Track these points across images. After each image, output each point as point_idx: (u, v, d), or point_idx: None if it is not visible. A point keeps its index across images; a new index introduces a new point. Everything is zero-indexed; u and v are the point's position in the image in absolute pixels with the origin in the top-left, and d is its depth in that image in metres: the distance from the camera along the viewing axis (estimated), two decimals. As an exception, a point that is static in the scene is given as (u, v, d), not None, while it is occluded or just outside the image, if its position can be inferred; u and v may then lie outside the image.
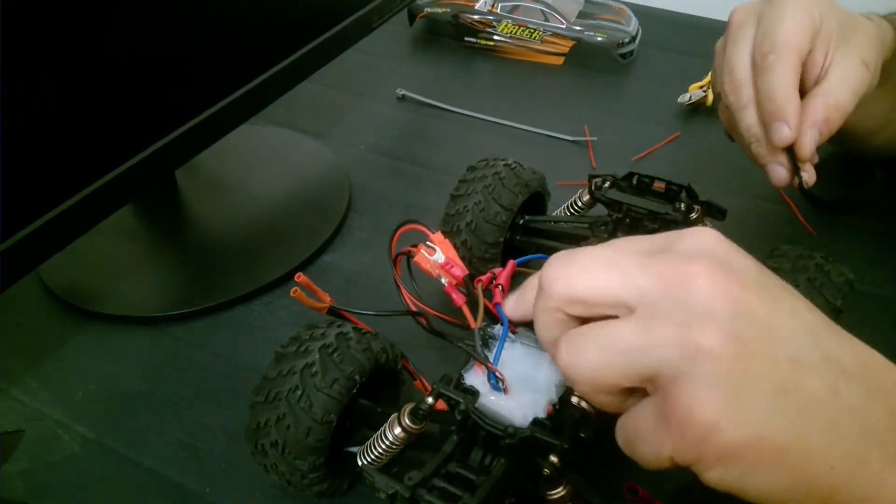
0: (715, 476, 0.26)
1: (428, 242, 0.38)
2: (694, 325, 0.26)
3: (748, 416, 0.25)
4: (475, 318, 0.36)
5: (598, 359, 0.28)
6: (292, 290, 0.37)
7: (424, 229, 0.39)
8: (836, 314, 0.40)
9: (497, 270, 0.40)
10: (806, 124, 0.42)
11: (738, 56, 0.46)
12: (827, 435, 0.26)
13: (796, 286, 0.30)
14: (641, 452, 0.28)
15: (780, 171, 0.45)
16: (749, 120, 0.46)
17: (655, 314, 0.27)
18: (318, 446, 0.37)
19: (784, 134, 0.42)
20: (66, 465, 0.45)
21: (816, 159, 0.44)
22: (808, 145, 0.41)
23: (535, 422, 0.33)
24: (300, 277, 0.38)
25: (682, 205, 0.44)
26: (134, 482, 0.44)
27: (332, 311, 0.40)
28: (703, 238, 0.29)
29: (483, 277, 0.39)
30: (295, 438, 0.36)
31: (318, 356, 0.37)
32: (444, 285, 0.38)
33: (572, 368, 0.28)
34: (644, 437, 0.28)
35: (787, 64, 0.42)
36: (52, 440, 0.46)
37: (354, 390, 0.37)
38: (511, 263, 0.40)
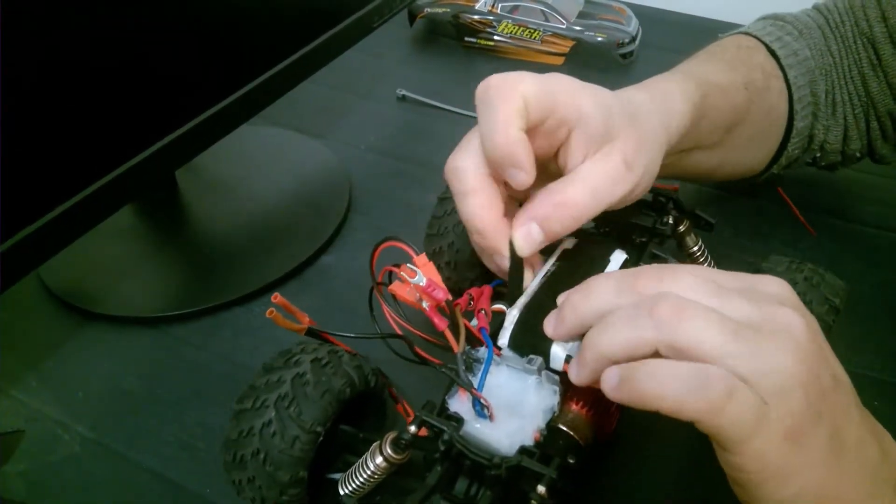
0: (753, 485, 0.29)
1: (410, 265, 0.35)
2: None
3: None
4: (457, 342, 0.35)
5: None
6: (268, 311, 0.35)
7: (407, 248, 0.35)
8: (829, 329, 0.39)
9: (473, 291, 0.39)
10: (519, 221, 0.38)
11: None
12: (854, 474, 0.29)
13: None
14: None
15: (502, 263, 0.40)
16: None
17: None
18: (296, 486, 0.35)
19: (501, 264, 0.39)
20: (66, 465, 0.45)
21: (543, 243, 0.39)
22: (521, 247, 0.38)
23: (522, 450, 0.32)
24: (276, 298, 0.36)
25: (670, 217, 0.44)
26: (134, 482, 0.44)
27: (311, 333, 0.38)
28: (790, 323, 0.30)
29: (461, 300, 0.38)
30: (270, 481, 0.35)
31: (290, 387, 0.35)
32: (425, 309, 0.35)
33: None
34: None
35: (479, 197, 0.38)
36: (52, 440, 0.46)
37: (329, 425, 0.36)
38: (487, 288, 0.39)
